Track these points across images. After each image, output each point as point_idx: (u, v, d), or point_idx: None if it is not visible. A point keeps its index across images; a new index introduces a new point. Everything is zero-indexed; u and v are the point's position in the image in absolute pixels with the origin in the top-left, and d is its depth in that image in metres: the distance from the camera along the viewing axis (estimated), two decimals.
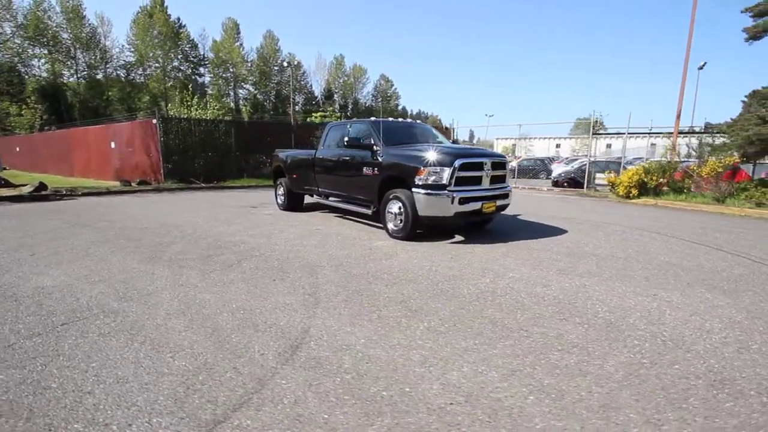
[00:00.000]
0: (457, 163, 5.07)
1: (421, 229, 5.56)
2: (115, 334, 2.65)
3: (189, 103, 16.99)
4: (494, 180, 5.54)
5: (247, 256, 4.65)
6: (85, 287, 3.58)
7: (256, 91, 62.29)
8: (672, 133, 12.35)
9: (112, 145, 16.51)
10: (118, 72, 50.59)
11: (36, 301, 3.25)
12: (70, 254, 4.76)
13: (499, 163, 5.63)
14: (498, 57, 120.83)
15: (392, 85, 79.56)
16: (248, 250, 4.94)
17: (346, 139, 6.02)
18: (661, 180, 10.20)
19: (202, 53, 53.22)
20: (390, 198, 5.61)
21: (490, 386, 2.08)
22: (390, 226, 5.64)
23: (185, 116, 15.89)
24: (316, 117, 32.54)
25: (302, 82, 66.25)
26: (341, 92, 76.80)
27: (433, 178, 5.08)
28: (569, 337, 2.63)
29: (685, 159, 11.04)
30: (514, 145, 35.43)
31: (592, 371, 2.23)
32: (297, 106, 70.54)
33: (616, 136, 29.38)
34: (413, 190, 5.19)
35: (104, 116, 37.16)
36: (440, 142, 6.72)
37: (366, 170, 6.01)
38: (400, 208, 5.45)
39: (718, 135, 11.14)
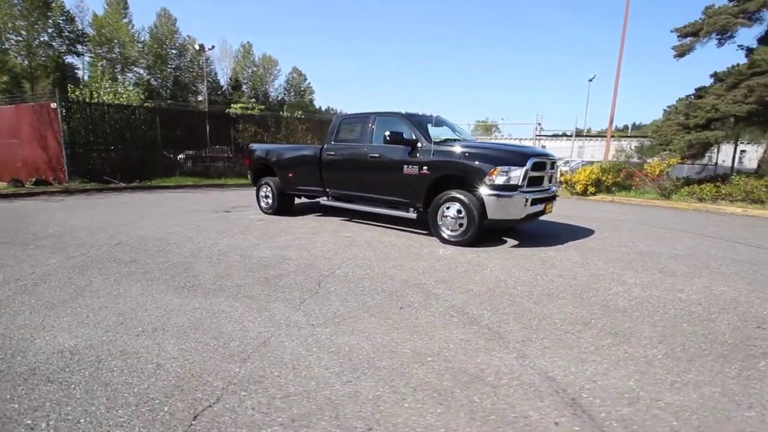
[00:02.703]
0: (529, 162, 4.75)
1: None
2: (309, 423, 1.73)
3: (97, 85, 13.90)
4: (549, 180, 5.37)
5: (317, 278, 3.71)
6: (145, 343, 2.40)
7: (149, 76, 54.59)
8: (605, 136, 13.89)
9: None
10: None
11: (92, 378, 2.04)
12: (53, 290, 3.28)
13: (554, 163, 5.48)
14: (407, 54, 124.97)
15: (305, 80, 76.76)
16: (306, 269, 3.98)
17: (387, 133, 5.27)
18: (618, 179, 11.35)
19: (80, 28, 44.42)
20: (444, 200, 5.06)
21: None
22: (445, 231, 5.10)
23: (96, 100, 12.94)
24: (236, 108, 29.72)
25: (206, 70, 60.08)
26: (250, 83, 71.70)
27: (504, 178, 4.69)
28: None
29: (627, 159, 12.45)
30: None
31: None
32: (200, 96, 64.01)
33: (528, 138, 32.36)
34: (483, 191, 4.73)
35: None
36: (466, 138, 6.36)
37: (408, 169, 5.36)
38: (459, 211, 4.94)
39: (645, 138, 12.79)
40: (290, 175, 7.02)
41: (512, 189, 4.70)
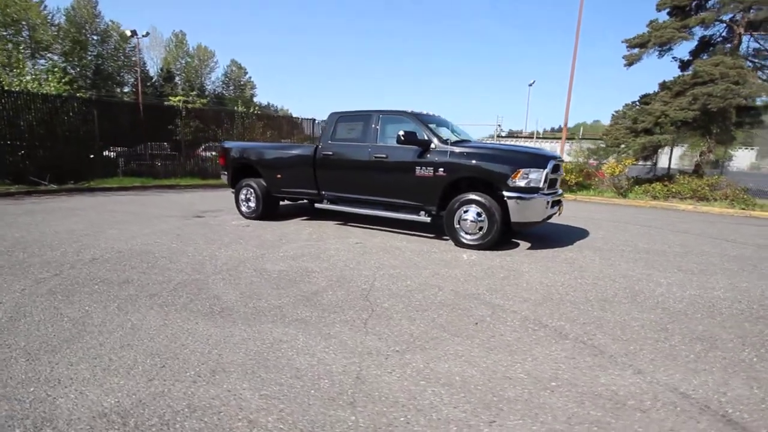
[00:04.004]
0: (550, 165, 4.74)
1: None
2: None
3: (19, 71, 11.91)
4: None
5: (359, 293, 3.36)
6: (212, 392, 1.93)
7: (65, 64, 48.52)
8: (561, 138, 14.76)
9: None
10: None
11: None
12: (41, 326, 2.61)
13: (562, 164, 5.55)
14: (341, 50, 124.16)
15: (246, 73, 73.13)
16: (339, 283, 3.59)
17: (401, 133, 4.97)
18: (579, 179, 12.03)
19: None
20: (462, 202, 4.90)
21: None
22: (464, 234, 4.94)
23: (17, 89, 11.08)
24: (175, 101, 27.48)
25: (134, 59, 54.89)
26: (183, 75, 66.86)
27: (526, 180, 4.63)
28: None
29: (587, 160, 13.26)
30: None
31: None
32: (126, 87, 58.34)
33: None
34: (505, 193, 4.64)
35: None
36: (470, 138, 6.26)
37: (421, 171, 5.12)
38: (479, 214, 4.81)
39: (593, 140, 13.73)
40: (279, 176, 6.46)
41: (534, 191, 4.66)
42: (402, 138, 4.97)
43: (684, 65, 13.62)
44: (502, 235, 4.89)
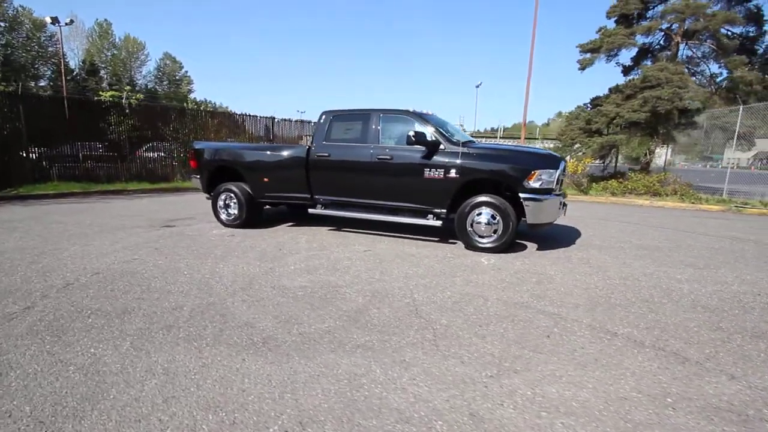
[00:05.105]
0: (561, 165, 4.77)
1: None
2: None
3: None
4: None
5: (404, 308, 3.09)
6: None
7: None
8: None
9: None
10: None
11: None
12: (40, 380, 2.07)
13: None
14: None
15: (182, 68, 68.36)
16: (376, 297, 3.30)
17: (411, 133, 4.73)
18: None
19: None
20: (473, 205, 4.79)
21: None
22: (477, 238, 4.83)
23: None
24: (106, 96, 24.86)
25: (51, 49, 49.19)
26: (110, 68, 61.17)
27: (541, 182, 4.62)
28: None
29: None
30: None
31: None
32: (42, 81, 52.04)
33: None
34: (522, 195, 4.59)
35: None
36: (470, 138, 6.17)
37: (430, 173, 4.93)
38: (493, 216, 4.73)
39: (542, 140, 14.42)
40: (265, 179, 5.93)
41: (547, 192, 4.66)
42: (413, 138, 4.74)
43: (626, 70, 14.76)
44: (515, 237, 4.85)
